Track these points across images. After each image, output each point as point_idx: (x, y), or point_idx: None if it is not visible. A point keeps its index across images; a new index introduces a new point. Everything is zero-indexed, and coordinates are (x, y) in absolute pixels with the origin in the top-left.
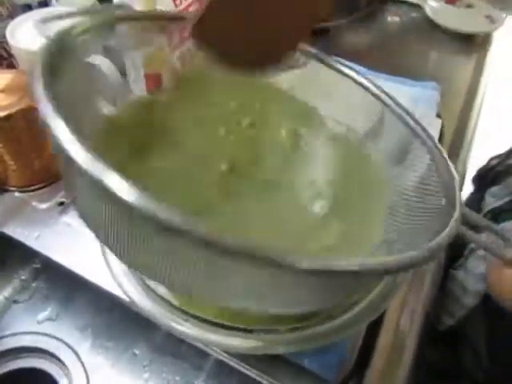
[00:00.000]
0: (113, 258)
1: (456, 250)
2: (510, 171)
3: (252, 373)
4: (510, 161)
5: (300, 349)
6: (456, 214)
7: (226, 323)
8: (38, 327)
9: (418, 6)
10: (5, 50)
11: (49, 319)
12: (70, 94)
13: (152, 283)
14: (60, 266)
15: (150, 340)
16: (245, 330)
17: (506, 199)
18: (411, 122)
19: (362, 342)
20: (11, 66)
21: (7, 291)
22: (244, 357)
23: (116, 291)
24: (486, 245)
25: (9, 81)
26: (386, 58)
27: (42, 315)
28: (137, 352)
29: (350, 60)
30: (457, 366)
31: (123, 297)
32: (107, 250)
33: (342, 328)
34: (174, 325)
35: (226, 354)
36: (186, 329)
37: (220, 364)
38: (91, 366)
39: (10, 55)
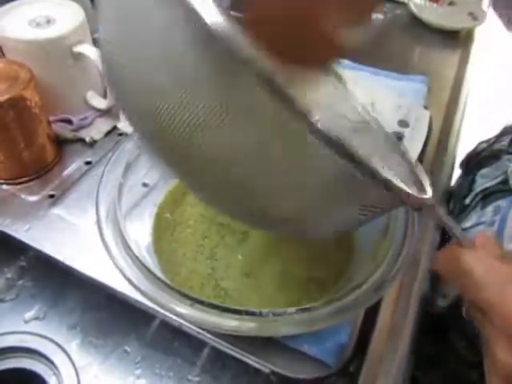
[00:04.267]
0: (112, 244)
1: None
2: (499, 154)
3: (251, 360)
4: (498, 145)
5: (302, 331)
6: None
7: (226, 306)
8: (25, 326)
9: (402, 4)
10: None
11: (36, 318)
12: None
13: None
14: (51, 260)
15: (141, 336)
16: (247, 313)
17: (497, 180)
18: None
19: (361, 327)
20: None
21: None
22: (242, 344)
23: (111, 282)
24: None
25: None
26: (373, 54)
27: (28, 314)
28: (128, 349)
29: None
30: (450, 352)
31: (117, 287)
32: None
33: (343, 311)
34: (175, 307)
35: (223, 342)
36: (188, 311)
37: (214, 358)
38: (81, 364)
39: None
